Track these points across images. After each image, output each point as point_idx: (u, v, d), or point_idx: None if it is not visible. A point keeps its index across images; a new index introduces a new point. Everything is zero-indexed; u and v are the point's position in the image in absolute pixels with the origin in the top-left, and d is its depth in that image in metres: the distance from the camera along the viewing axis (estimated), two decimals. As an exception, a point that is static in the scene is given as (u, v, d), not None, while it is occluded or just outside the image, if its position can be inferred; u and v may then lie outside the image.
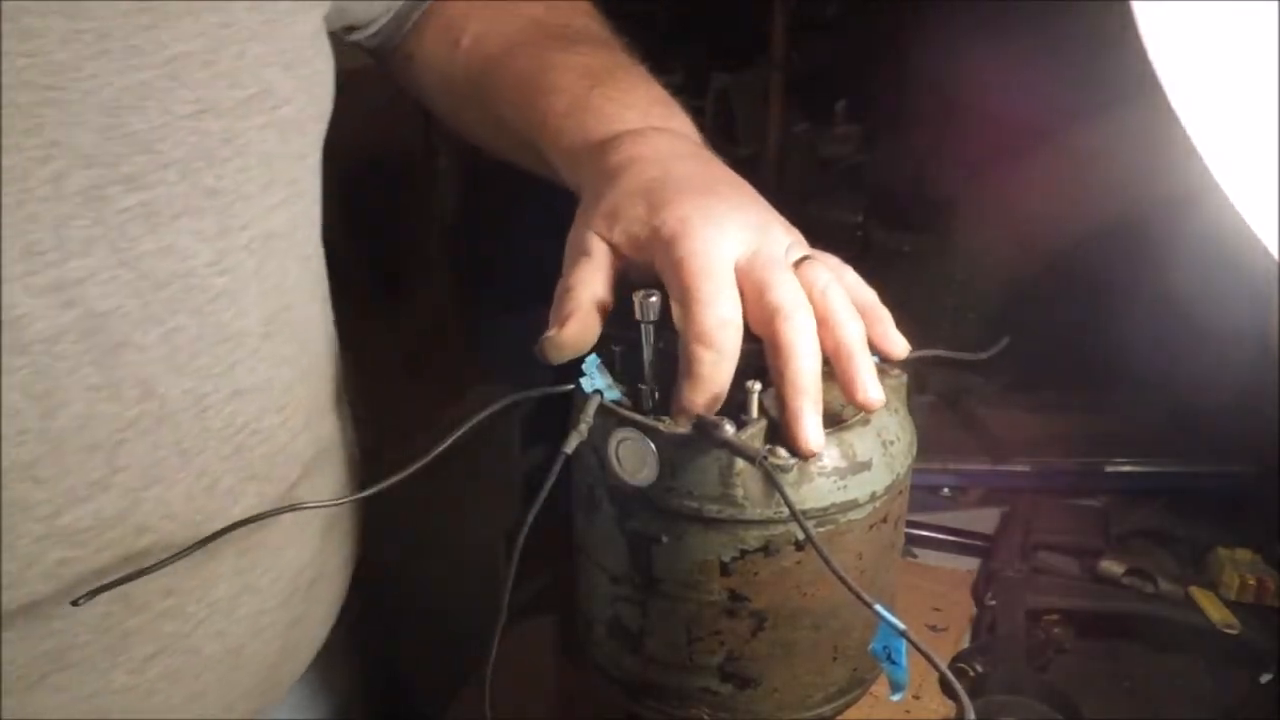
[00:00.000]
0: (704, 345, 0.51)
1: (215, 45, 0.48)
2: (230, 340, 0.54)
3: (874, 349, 0.56)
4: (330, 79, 0.60)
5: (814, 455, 0.52)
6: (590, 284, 0.55)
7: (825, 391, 0.61)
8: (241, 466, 0.56)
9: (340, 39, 0.69)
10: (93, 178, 0.44)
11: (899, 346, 0.56)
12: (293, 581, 0.64)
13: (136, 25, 0.45)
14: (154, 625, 0.55)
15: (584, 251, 0.56)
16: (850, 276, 0.57)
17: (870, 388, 0.52)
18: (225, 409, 0.54)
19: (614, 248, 0.56)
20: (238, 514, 0.56)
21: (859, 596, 0.47)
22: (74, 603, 0.51)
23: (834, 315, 0.53)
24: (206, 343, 0.53)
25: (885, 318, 0.57)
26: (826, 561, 0.49)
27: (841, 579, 0.48)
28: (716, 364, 0.51)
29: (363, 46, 0.73)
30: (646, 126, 0.61)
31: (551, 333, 0.53)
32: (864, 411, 0.55)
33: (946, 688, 0.68)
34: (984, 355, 0.68)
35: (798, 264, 0.54)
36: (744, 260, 0.53)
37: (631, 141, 0.59)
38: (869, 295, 0.57)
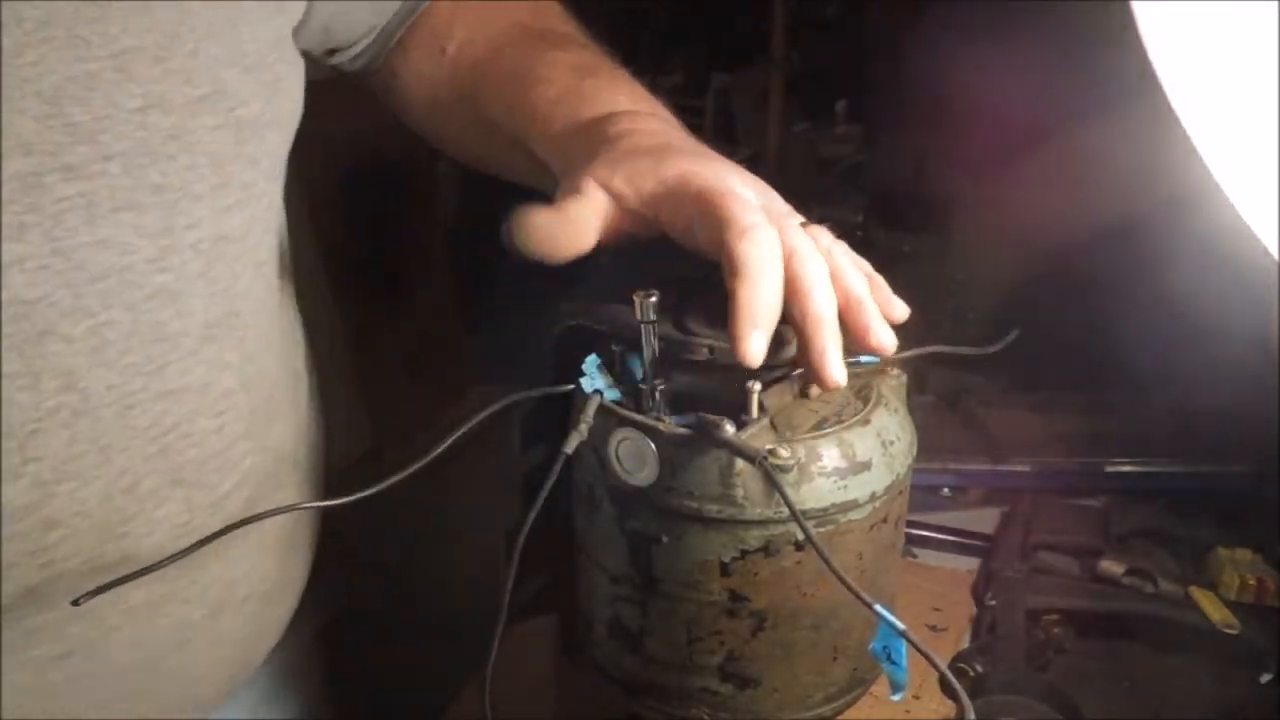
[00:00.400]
0: (750, 241, 0.48)
1: (168, 41, 0.48)
2: (166, 340, 0.53)
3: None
4: (297, 88, 0.59)
5: (839, 387, 0.52)
6: (583, 209, 0.52)
7: (825, 393, 0.61)
8: (166, 469, 0.54)
9: (321, 63, 0.68)
10: (32, 165, 0.44)
11: (900, 309, 0.56)
12: (224, 595, 0.61)
13: (83, 17, 0.45)
14: (61, 625, 0.53)
15: (576, 189, 0.53)
16: (845, 245, 0.57)
17: (883, 333, 0.52)
18: (153, 408, 0.53)
19: (614, 195, 0.53)
20: (161, 517, 0.54)
21: (859, 597, 0.47)
22: (74, 602, 0.51)
23: (842, 268, 0.53)
24: (139, 340, 0.51)
25: (884, 284, 0.56)
26: (826, 562, 0.49)
27: (841, 579, 0.48)
28: (764, 265, 0.49)
29: (345, 70, 0.72)
30: (638, 110, 0.61)
31: (532, 215, 0.51)
32: (879, 356, 0.55)
33: (946, 688, 0.68)
34: (992, 349, 0.68)
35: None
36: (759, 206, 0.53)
37: (628, 118, 0.59)
38: (866, 264, 0.57)
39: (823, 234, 0.55)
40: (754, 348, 0.48)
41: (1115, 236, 0.98)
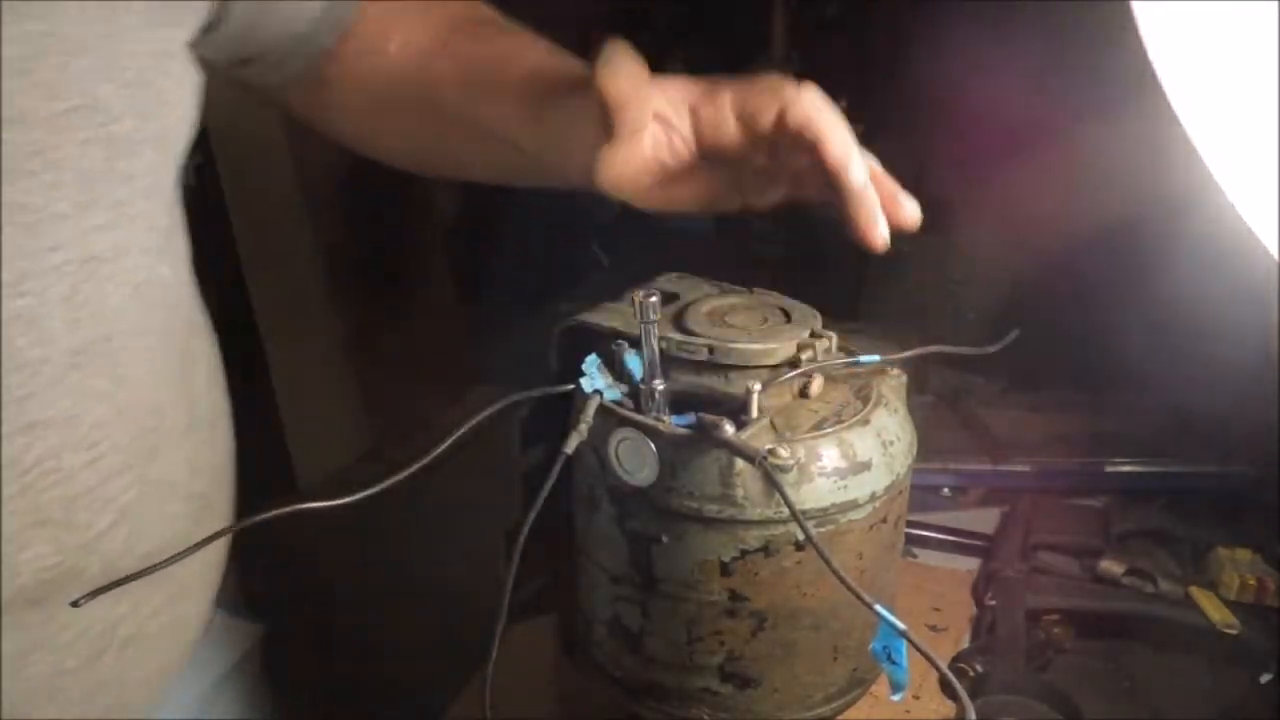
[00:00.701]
0: (809, 96, 0.55)
1: (33, 54, 0.45)
2: (26, 368, 0.48)
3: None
4: (186, 103, 0.56)
5: (912, 222, 0.57)
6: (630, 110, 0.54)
7: (825, 393, 0.61)
8: (30, 508, 0.50)
9: (229, 73, 0.65)
10: None
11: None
12: (102, 640, 0.56)
13: None
14: None
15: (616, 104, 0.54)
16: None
17: (907, 201, 0.58)
18: (15, 442, 0.49)
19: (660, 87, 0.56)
20: (26, 560, 0.50)
21: (859, 596, 0.47)
22: (74, 604, 0.50)
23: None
24: None
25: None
26: (826, 562, 0.49)
27: (841, 579, 0.48)
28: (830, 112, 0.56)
29: (253, 85, 0.68)
30: None
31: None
32: (906, 228, 0.58)
33: (946, 688, 0.68)
34: (992, 349, 0.68)
35: None
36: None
37: None
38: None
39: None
40: (862, 169, 0.55)
41: (1115, 237, 0.98)
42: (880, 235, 0.56)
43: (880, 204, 0.56)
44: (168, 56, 0.53)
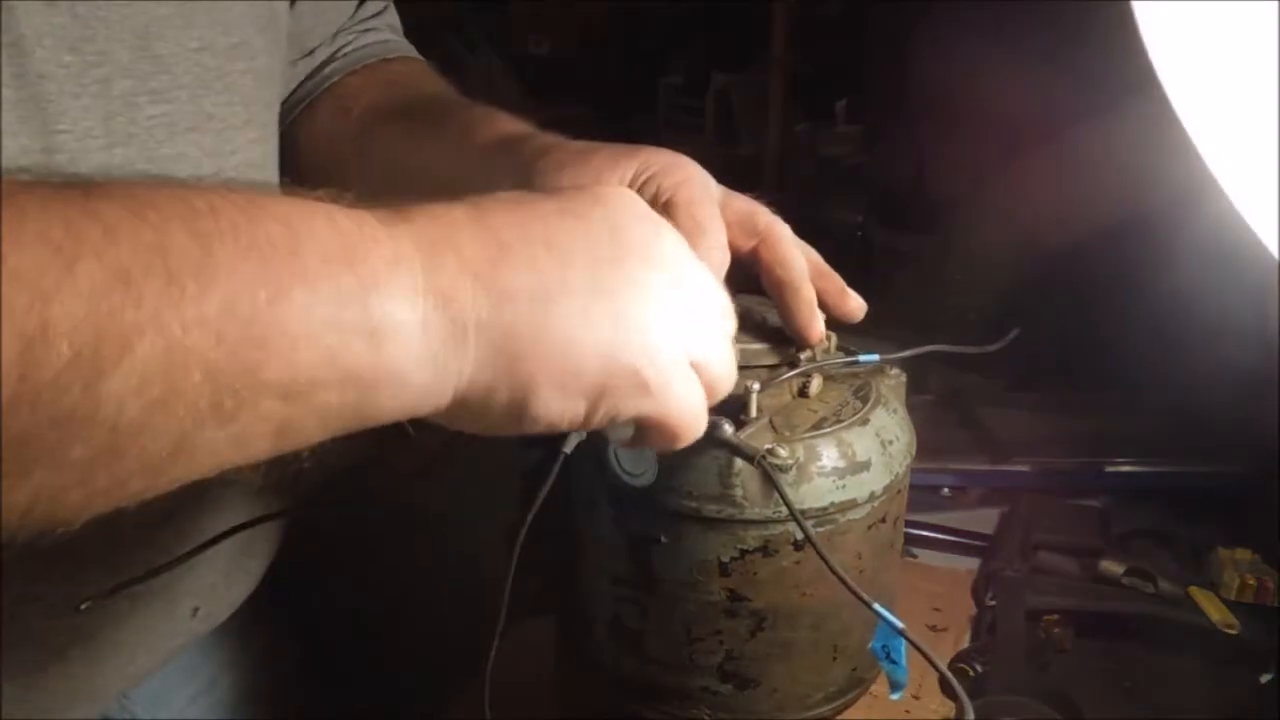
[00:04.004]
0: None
1: None
2: None
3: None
4: (284, 54, 0.67)
5: (822, 342, 0.60)
6: None
7: (825, 393, 0.61)
8: None
9: None
10: (130, 86, 0.52)
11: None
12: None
13: None
14: None
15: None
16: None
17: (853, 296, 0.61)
18: None
19: None
20: None
21: (858, 596, 0.47)
22: (77, 607, 0.51)
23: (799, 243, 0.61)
24: None
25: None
26: (825, 561, 0.49)
27: (840, 579, 0.48)
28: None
29: None
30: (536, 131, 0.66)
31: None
32: (849, 320, 0.61)
33: (946, 687, 0.68)
34: (992, 348, 0.68)
35: None
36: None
37: (540, 135, 0.64)
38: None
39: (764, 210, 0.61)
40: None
41: (1115, 236, 0.98)
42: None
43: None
44: (279, 15, 0.64)
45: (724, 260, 0.56)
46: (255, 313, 0.35)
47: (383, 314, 0.37)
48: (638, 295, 0.43)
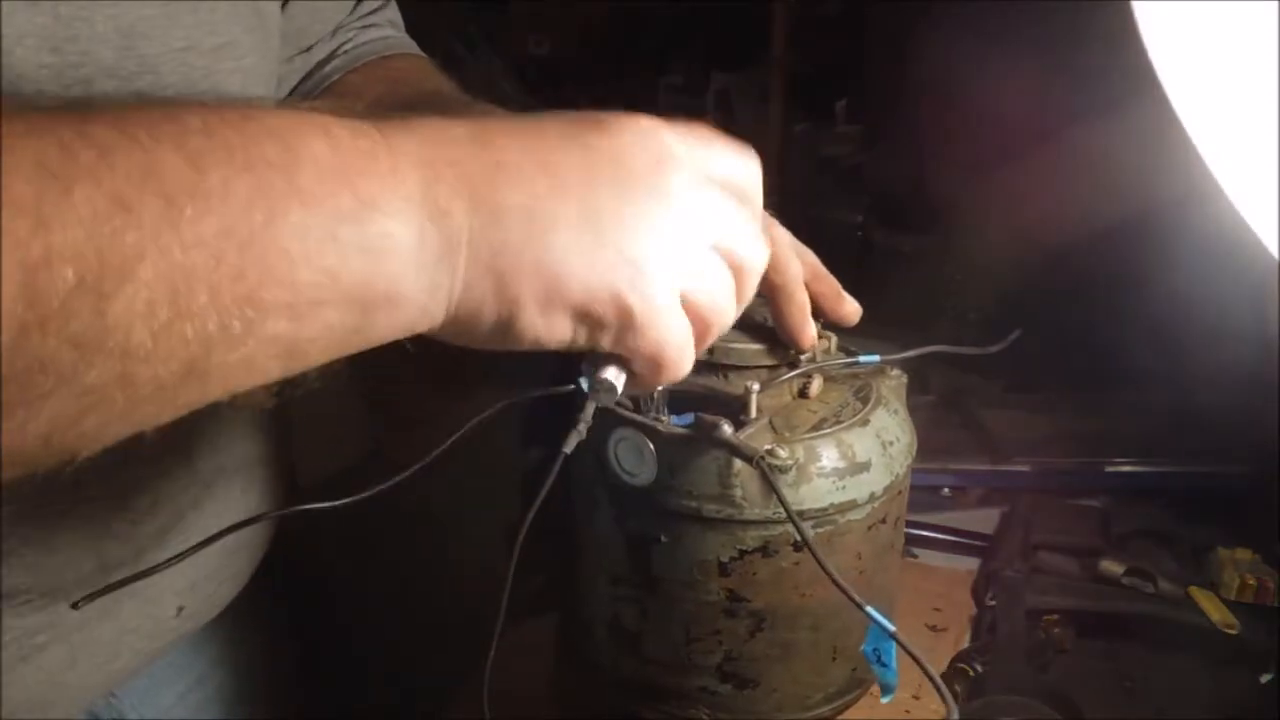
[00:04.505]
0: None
1: None
2: None
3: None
4: (276, 55, 0.65)
5: (814, 347, 0.60)
6: None
7: (825, 394, 0.61)
8: None
9: None
10: (115, 87, 0.50)
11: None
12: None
13: None
14: None
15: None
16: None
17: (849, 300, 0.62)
18: None
19: None
20: None
21: (850, 597, 0.47)
22: (73, 605, 0.51)
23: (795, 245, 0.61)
24: None
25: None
26: (819, 561, 0.49)
27: (833, 579, 0.48)
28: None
29: None
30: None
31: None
32: (844, 324, 0.61)
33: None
34: (994, 349, 0.68)
35: None
36: None
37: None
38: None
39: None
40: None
41: (1115, 236, 0.97)
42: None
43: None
44: (268, 15, 0.63)
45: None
46: (253, 234, 0.35)
47: (380, 230, 0.38)
48: (631, 223, 0.44)
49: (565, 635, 0.67)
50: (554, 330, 0.43)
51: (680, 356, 0.46)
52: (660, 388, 0.55)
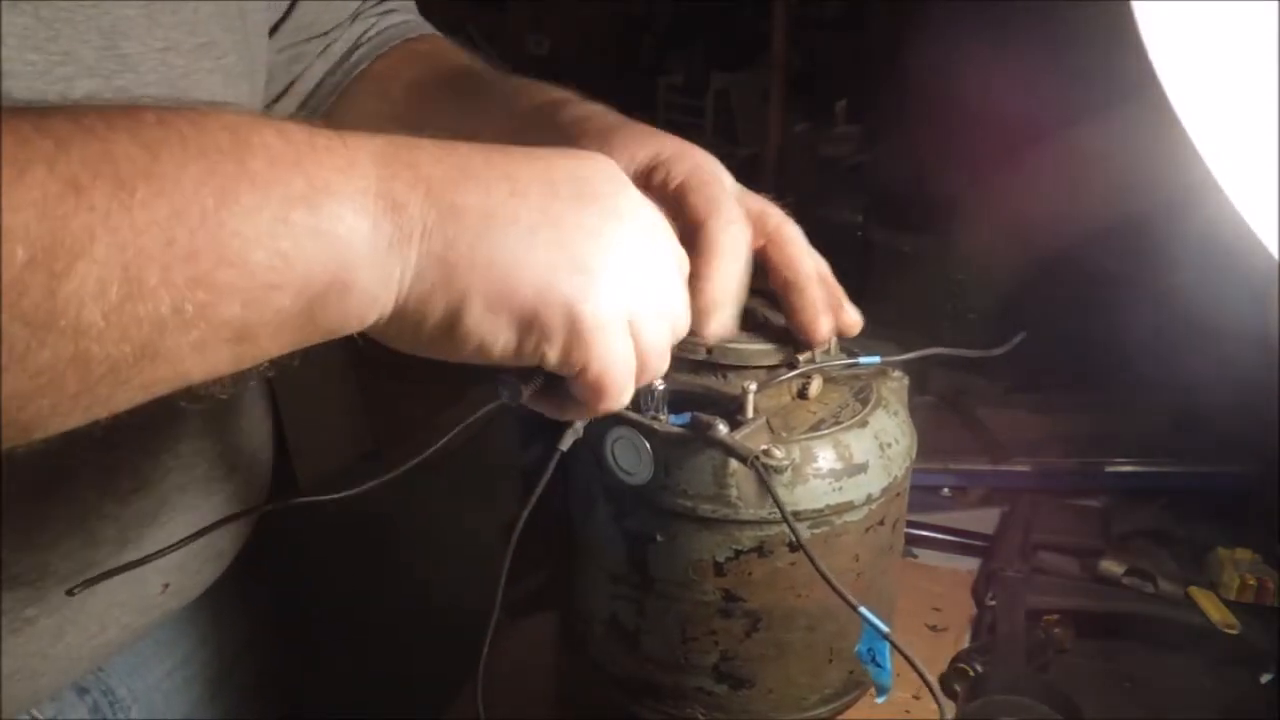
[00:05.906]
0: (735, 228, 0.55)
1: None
2: None
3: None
4: (264, 54, 0.65)
5: (854, 329, 0.60)
6: None
7: (825, 395, 0.61)
8: None
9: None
10: (95, 86, 0.51)
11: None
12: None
13: None
14: None
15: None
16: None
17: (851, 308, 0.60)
18: None
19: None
20: None
21: (843, 597, 0.47)
22: (69, 592, 0.51)
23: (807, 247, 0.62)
24: None
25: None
26: (813, 561, 0.49)
27: (826, 579, 0.48)
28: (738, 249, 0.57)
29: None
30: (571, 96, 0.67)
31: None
32: (845, 335, 0.60)
33: (944, 688, 0.68)
34: (998, 351, 0.68)
35: None
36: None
37: (574, 104, 0.65)
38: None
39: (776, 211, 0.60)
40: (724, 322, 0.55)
41: (1115, 237, 0.97)
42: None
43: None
44: (249, 12, 0.63)
45: (743, 236, 0.56)
46: (204, 215, 0.36)
47: (333, 215, 0.39)
48: (587, 238, 0.44)
49: (563, 633, 0.67)
50: (499, 334, 0.43)
51: (623, 383, 0.46)
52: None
